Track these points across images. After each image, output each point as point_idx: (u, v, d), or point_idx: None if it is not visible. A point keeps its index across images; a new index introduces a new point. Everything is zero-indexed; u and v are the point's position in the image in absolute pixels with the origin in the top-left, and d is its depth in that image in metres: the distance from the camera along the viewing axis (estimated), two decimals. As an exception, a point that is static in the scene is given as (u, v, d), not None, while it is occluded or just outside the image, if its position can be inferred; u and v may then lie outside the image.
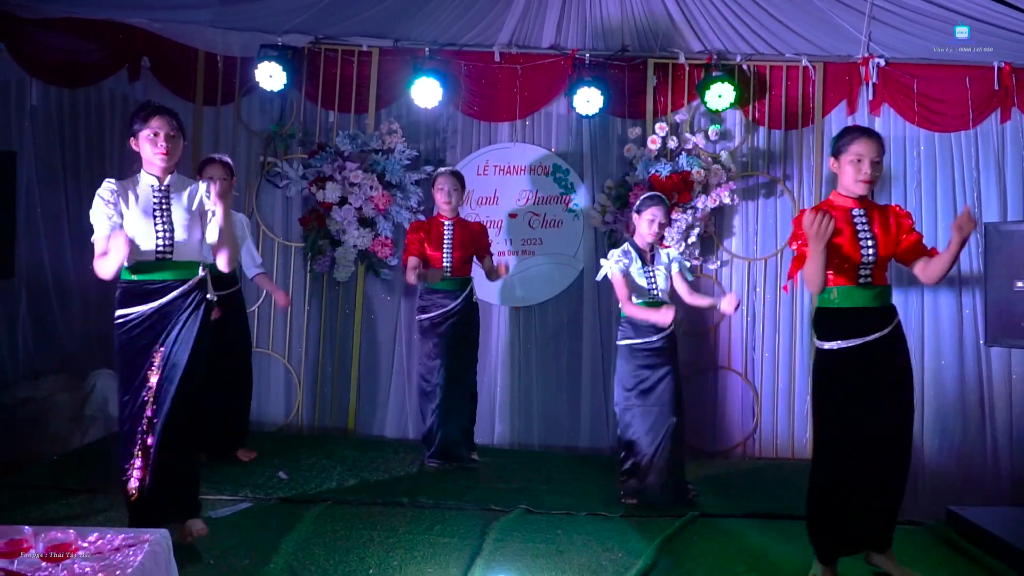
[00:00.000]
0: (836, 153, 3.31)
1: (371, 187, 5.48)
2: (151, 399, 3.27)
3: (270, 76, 5.46)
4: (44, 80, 5.59)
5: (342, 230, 5.53)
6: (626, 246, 4.43)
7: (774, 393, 5.76)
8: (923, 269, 3.28)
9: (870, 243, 3.22)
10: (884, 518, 3.32)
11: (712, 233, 5.69)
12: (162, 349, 3.28)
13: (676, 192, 5.39)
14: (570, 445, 5.75)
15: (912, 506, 5.20)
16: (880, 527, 3.32)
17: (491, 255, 5.10)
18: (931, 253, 3.30)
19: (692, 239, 5.52)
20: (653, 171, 5.48)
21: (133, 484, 3.27)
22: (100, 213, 3.29)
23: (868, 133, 3.29)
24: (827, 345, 3.25)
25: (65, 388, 5.43)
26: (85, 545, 2.38)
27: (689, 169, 5.48)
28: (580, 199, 5.81)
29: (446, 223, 4.93)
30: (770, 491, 4.80)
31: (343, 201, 5.51)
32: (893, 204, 3.34)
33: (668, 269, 4.44)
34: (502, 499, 4.32)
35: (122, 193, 3.32)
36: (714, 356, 5.80)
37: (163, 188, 3.36)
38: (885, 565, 3.38)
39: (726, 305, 4.22)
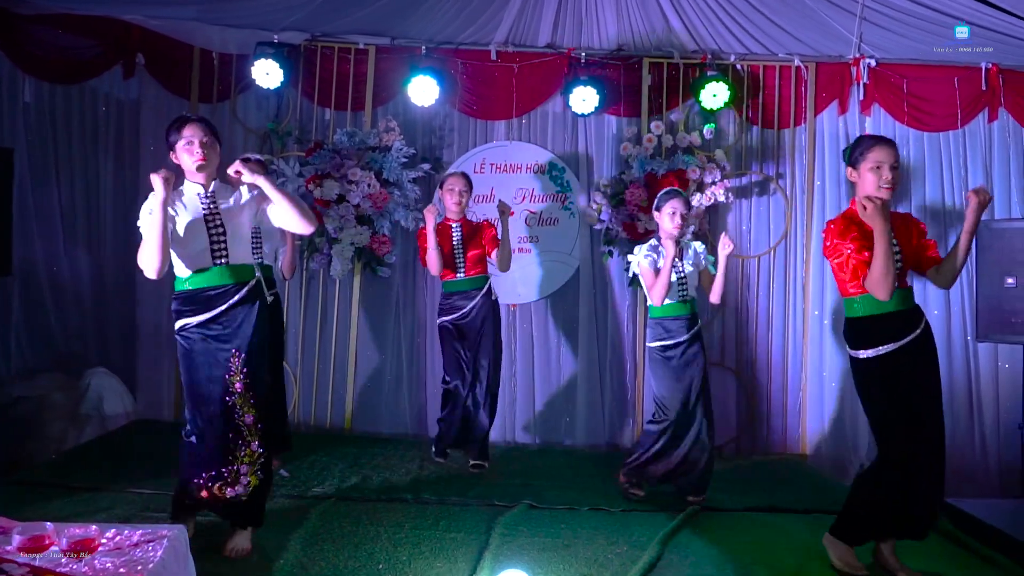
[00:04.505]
0: (853, 163, 3.30)
1: (369, 185, 5.48)
2: (243, 403, 3.26)
3: (266, 73, 5.45)
4: (37, 77, 5.55)
5: (339, 227, 5.53)
6: (654, 241, 4.46)
7: (767, 390, 5.83)
8: (936, 273, 3.28)
9: (897, 251, 3.24)
10: (924, 506, 3.30)
11: (706, 231, 5.74)
12: (239, 353, 3.26)
13: (671, 190, 5.45)
14: (567, 442, 5.79)
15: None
16: (917, 515, 3.30)
17: (498, 248, 4.92)
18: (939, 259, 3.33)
19: (687, 237, 5.56)
20: (649, 169, 5.53)
21: (236, 491, 3.28)
22: (145, 212, 3.24)
23: (884, 140, 3.30)
24: (862, 354, 3.27)
25: (60, 387, 5.40)
26: (104, 541, 2.38)
27: (684, 168, 5.53)
28: (576, 197, 5.84)
29: (453, 225, 4.92)
30: (766, 486, 4.86)
31: (341, 199, 5.51)
32: (906, 212, 3.37)
33: (696, 264, 4.46)
34: (504, 495, 4.35)
35: (170, 203, 3.27)
36: (707, 353, 5.83)
37: (210, 194, 3.34)
38: (891, 563, 3.39)
39: (722, 250, 4.34)
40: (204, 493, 3.28)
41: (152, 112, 5.69)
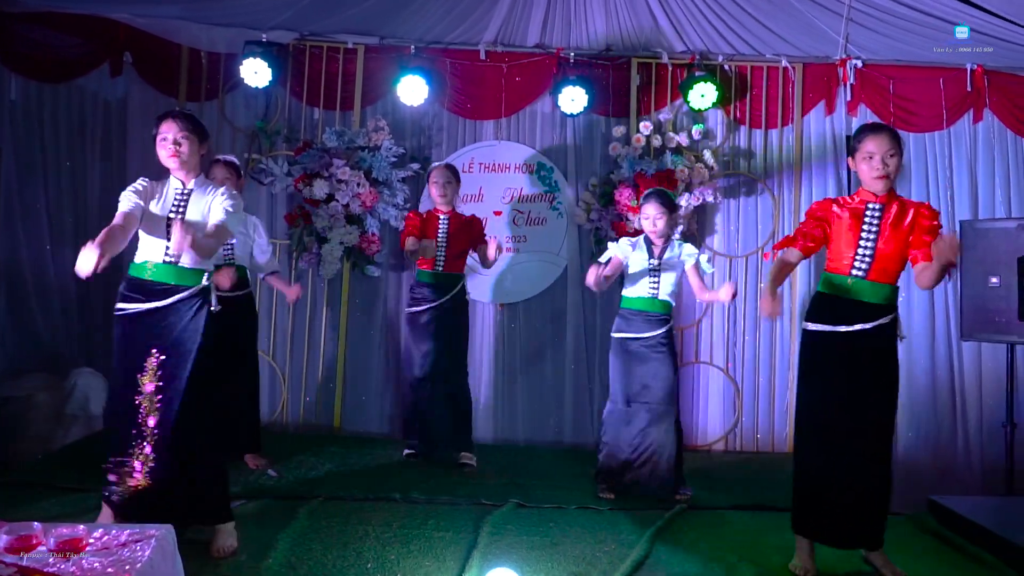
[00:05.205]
0: (851, 152, 3.39)
1: (358, 184, 5.48)
2: (148, 405, 3.25)
3: (255, 72, 5.45)
4: (24, 75, 5.51)
5: (328, 227, 5.53)
6: (639, 237, 4.48)
7: (755, 388, 5.86)
8: (918, 274, 3.30)
9: (871, 240, 3.29)
10: (865, 515, 3.33)
11: (695, 231, 5.77)
12: (158, 355, 3.26)
13: (660, 190, 5.47)
14: (555, 440, 5.80)
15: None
16: (863, 524, 3.34)
17: (486, 243, 4.94)
18: None
19: (676, 236, 5.58)
20: (638, 169, 5.55)
21: (130, 484, 3.26)
22: (125, 198, 3.30)
23: (877, 129, 3.34)
24: (808, 325, 3.40)
25: (46, 387, 5.36)
26: (91, 541, 2.38)
27: (673, 168, 5.55)
28: (564, 197, 5.86)
29: (441, 216, 4.92)
30: (754, 484, 4.88)
31: (330, 198, 5.50)
32: (924, 204, 3.34)
33: (680, 267, 4.42)
34: (493, 494, 4.35)
35: (150, 191, 3.34)
36: (696, 351, 5.89)
37: (186, 192, 3.36)
38: (878, 564, 3.42)
39: (723, 294, 4.22)
40: (112, 476, 3.28)
41: (139, 111, 5.67)
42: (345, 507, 4.05)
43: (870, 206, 3.33)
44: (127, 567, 2.24)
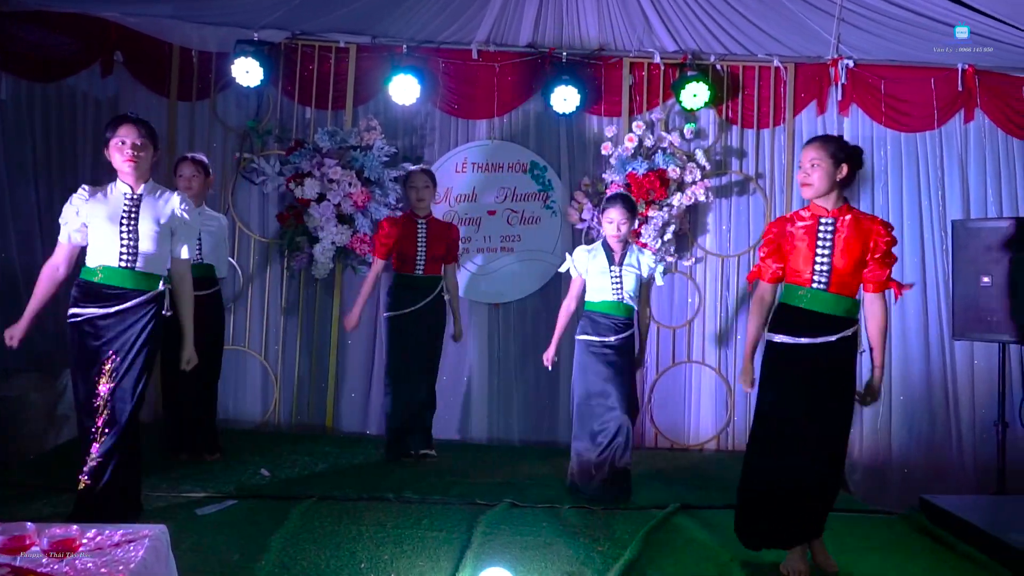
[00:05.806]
0: None
1: (350, 184, 5.47)
2: (102, 406, 3.31)
3: (246, 72, 5.44)
4: (14, 74, 5.47)
5: (320, 227, 5.51)
6: (597, 244, 4.50)
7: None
8: (866, 308, 3.38)
9: (826, 255, 3.31)
10: (808, 513, 3.36)
11: (687, 230, 5.78)
12: (114, 356, 3.32)
13: (652, 190, 5.47)
14: (549, 440, 5.80)
15: (883, 497, 5.41)
16: (805, 522, 3.38)
17: (456, 263, 5.19)
18: (895, 287, 3.37)
19: (668, 236, 5.60)
20: (630, 169, 5.56)
21: (85, 481, 3.35)
22: (63, 220, 3.45)
23: (810, 140, 3.41)
24: (772, 337, 3.42)
25: (37, 387, 5.33)
26: (85, 541, 2.37)
27: (665, 167, 5.56)
28: (557, 196, 5.86)
29: (419, 221, 4.95)
30: (747, 483, 4.88)
31: (321, 198, 5.49)
32: (878, 220, 3.34)
33: (640, 271, 4.43)
34: (487, 493, 4.35)
35: (92, 201, 3.39)
36: (688, 351, 5.90)
37: (135, 197, 3.39)
38: (814, 549, 3.46)
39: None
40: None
41: (131, 110, 5.62)
42: (338, 507, 4.04)
43: (822, 221, 3.35)
44: (120, 567, 2.24)
